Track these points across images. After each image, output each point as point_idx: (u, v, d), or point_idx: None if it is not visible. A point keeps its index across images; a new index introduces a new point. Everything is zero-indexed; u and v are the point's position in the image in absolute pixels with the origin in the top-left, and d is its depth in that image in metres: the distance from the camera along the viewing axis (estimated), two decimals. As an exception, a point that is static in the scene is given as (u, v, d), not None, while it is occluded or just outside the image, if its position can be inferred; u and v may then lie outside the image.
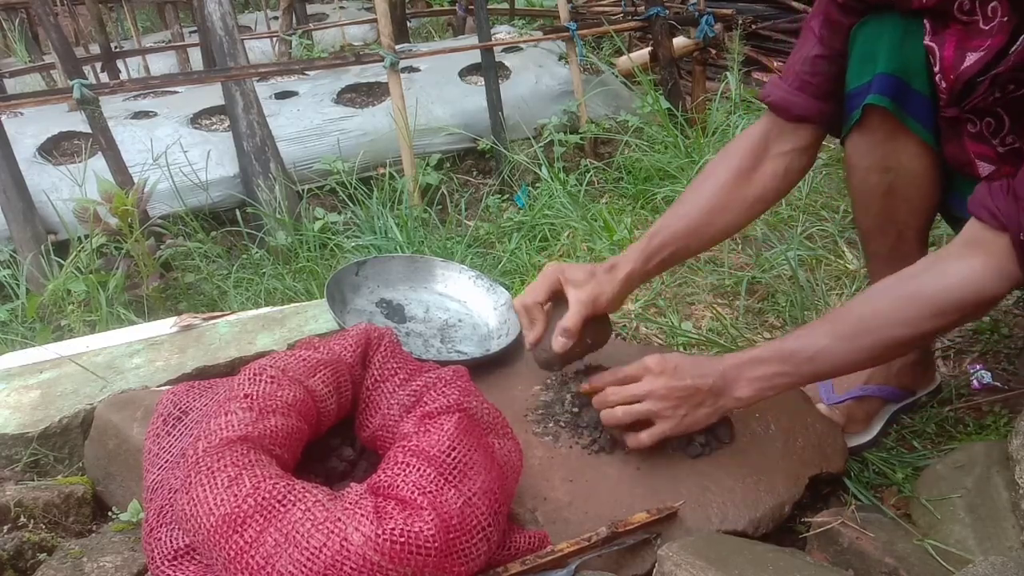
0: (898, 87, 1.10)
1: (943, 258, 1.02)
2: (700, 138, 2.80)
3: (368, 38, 5.83)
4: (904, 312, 1.01)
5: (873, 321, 1.02)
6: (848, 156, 1.22)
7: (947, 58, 1.04)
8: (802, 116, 1.22)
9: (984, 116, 1.06)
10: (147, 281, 2.02)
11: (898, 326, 1.01)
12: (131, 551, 1.01)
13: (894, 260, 1.27)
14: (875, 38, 1.11)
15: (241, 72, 2.46)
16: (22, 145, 2.47)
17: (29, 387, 1.35)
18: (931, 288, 1.00)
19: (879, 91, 1.10)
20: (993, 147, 1.07)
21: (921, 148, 1.15)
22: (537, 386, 1.30)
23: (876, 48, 1.11)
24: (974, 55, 1.01)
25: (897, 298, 1.02)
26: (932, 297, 0.99)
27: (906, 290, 1.01)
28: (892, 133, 1.14)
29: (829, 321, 1.08)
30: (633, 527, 0.99)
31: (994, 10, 0.98)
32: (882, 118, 1.13)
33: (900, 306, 1.01)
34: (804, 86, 1.21)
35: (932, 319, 1.00)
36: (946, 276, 0.99)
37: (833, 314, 1.10)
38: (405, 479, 0.84)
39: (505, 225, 2.42)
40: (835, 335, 1.04)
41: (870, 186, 1.21)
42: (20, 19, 4.88)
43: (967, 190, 1.13)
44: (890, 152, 1.16)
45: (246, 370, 0.97)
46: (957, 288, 0.98)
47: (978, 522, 1.07)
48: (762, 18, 4.18)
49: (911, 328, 1.01)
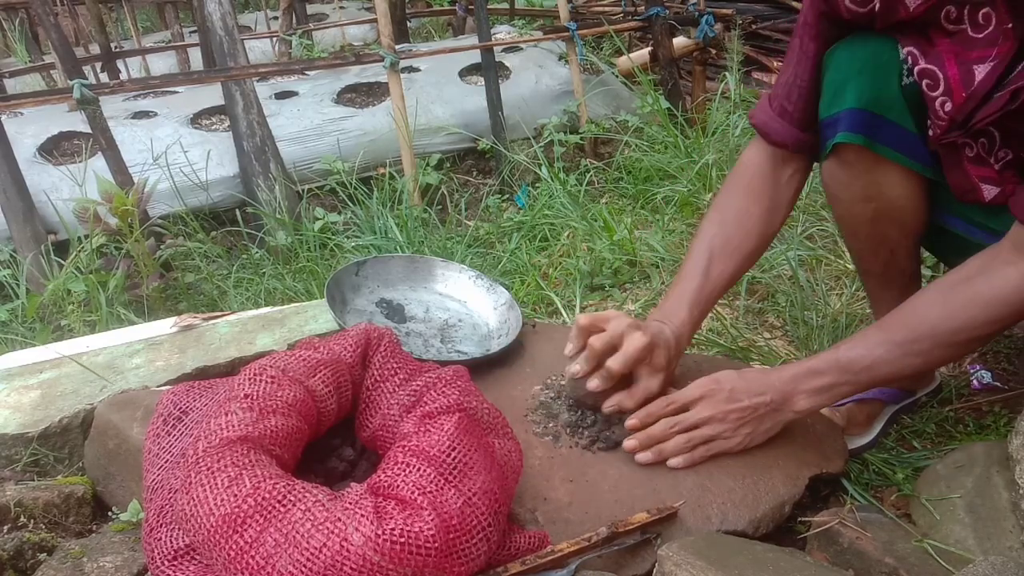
0: (870, 122, 1.08)
1: (994, 262, 1.00)
2: (700, 138, 2.80)
3: (368, 38, 5.84)
4: (956, 319, 1.00)
5: (927, 329, 1.02)
6: (826, 187, 1.20)
7: (953, 77, 0.99)
8: (780, 143, 1.21)
9: (979, 137, 1.03)
10: (147, 281, 2.02)
11: (951, 333, 1.01)
12: (131, 551, 1.01)
13: (888, 276, 1.27)
14: (845, 67, 1.08)
15: (241, 72, 2.46)
16: (22, 145, 2.47)
17: (29, 387, 1.35)
18: (986, 294, 0.99)
19: (848, 128, 1.08)
20: (992, 167, 1.05)
21: (904, 174, 1.13)
22: (537, 386, 1.30)
23: (846, 79, 1.08)
24: (982, 67, 0.97)
25: (949, 305, 1.01)
26: (988, 303, 0.99)
27: (961, 296, 1.01)
28: (870, 165, 1.12)
29: (883, 329, 1.06)
30: (633, 527, 0.99)
31: (986, 17, 0.95)
32: (857, 153, 1.11)
33: (952, 313, 1.00)
34: (783, 113, 1.20)
35: (987, 325, 1.00)
36: (997, 282, 0.98)
37: (887, 321, 1.08)
38: (405, 479, 0.84)
39: (505, 225, 2.42)
40: (891, 343, 1.04)
41: (855, 214, 1.20)
42: (20, 19, 4.88)
43: (963, 208, 1.12)
44: (871, 183, 1.14)
45: (246, 370, 0.97)
46: (1009, 294, 0.98)
47: (978, 522, 1.07)
48: (762, 18, 4.18)
49: (964, 334, 1.01)
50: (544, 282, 2.02)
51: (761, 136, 1.23)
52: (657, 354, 1.13)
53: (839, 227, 1.28)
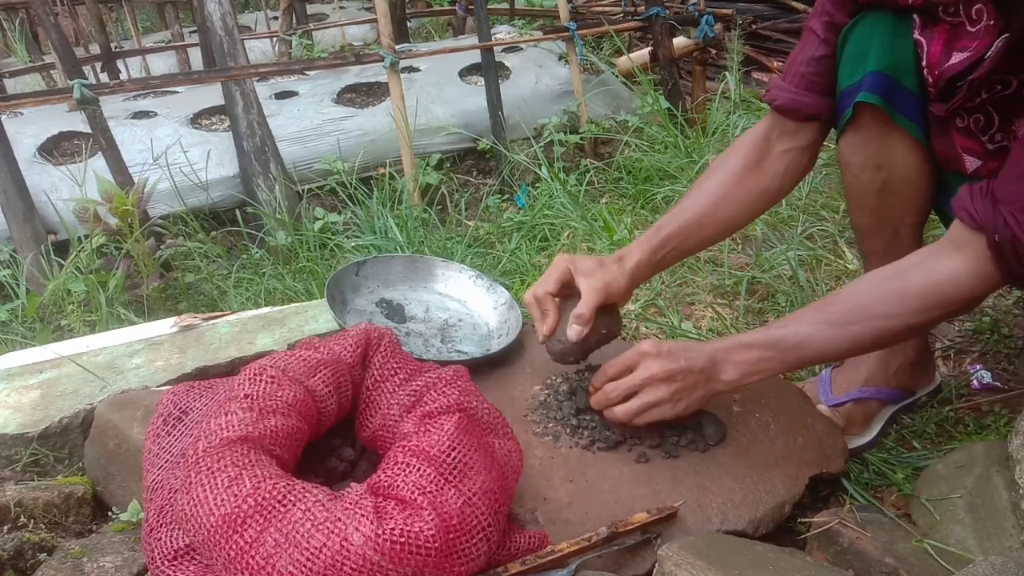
0: (889, 85, 1.12)
1: (930, 255, 1.04)
2: (700, 138, 2.80)
3: (368, 38, 5.83)
4: (890, 306, 1.03)
5: (859, 312, 1.04)
6: (842, 154, 1.23)
7: (933, 54, 1.06)
8: (812, 115, 1.24)
9: (973, 113, 1.08)
10: (147, 281, 2.02)
11: (883, 318, 1.04)
12: (131, 551, 1.01)
13: (890, 257, 1.27)
14: (866, 37, 1.13)
15: (241, 72, 2.46)
16: (22, 145, 2.47)
17: (29, 387, 1.35)
18: (917, 284, 1.02)
19: (869, 89, 1.12)
20: (982, 143, 1.09)
21: (912, 145, 1.16)
22: (537, 386, 1.30)
23: (867, 47, 1.12)
24: (960, 55, 1.03)
25: (884, 291, 1.04)
26: (918, 293, 1.02)
27: (894, 284, 1.04)
28: (883, 130, 1.16)
29: (816, 309, 1.10)
30: (633, 527, 0.99)
31: (979, 12, 0.99)
32: (873, 116, 1.15)
33: (886, 299, 1.03)
34: (811, 85, 1.23)
35: (916, 314, 1.03)
36: (931, 273, 1.02)
37: (821, 302, 1.13)
38: (405, 479, 0.84)
39: (505, 225, 2.42)
40: (821, 323, 1.06)
41: (864, 184, 1.22)
42: (20, 19, 4.88)
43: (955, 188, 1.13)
44: (882, 149, 1.17)
45: (246, 370, 0.97)
46: (941, 285, 1.01)
47: (978, 522, 1.07)
48: (762, 18, 4.18)
49: (896, 321, 1.03)
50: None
51: (785, 115, 1.26)
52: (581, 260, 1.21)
53: (847, 202, 1.30)
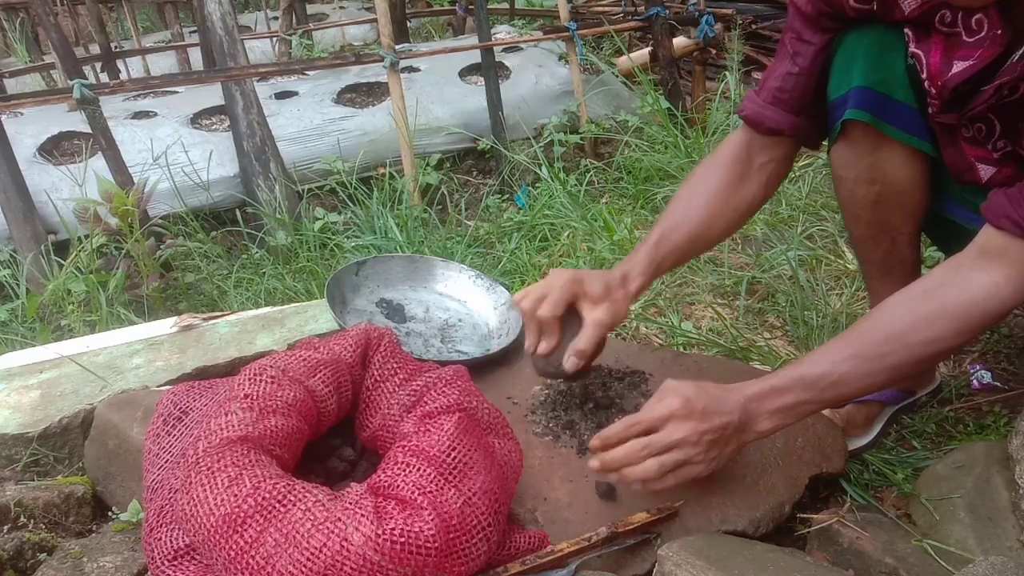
0: (877, 100, 1.09)
1: (960, 270, 0.98)
2: (700, 138, 2.80)
3: (368, 38, 5.84)
4: (928, 331, 0.97)
5: (897, 342, 0.98)
6: (834, 167, 1.22)
7: (933, 65, 1.03)
8: (774, 129, 1.22)
9: (975, 122, 1.05)
10: (147, 281, 2.02)
11: (922, 345, 0.97)
12: (131, 551, 1.01)
13: (889, 265, 1.27)
14: (852, 50, 1.11)
15: (241, 72, 2.46)
16: (22, 145, 2.47)
17: (29, 387, 1.35)
18: (954, 304, 0.96)
19: (856, 105, 1.10)
20: (988, 151, 1.07)
21: (908, 155, 1.14)
22: (537, 386, 1.30)
23: (853, 60, 1.10)
24: (961, 64, 1.00)
25: (919, 316, 0.98)
26: (956, 313, 0.96)
27: (929, 308, 0.97)
28: (875, 144, 1.14)
29: (849, 343, 1.01)
30: (633, 527, 0.99)
31: (979, 23, 0.97)
32: (864, 131, 1.13)
33: (923, 325, 0.97)
34: (776, 101, 1.21)
35: (959, 335, 0.97)
36: (967, 291, 0.96)
37: (852, 335, 1.03)
38: (405, 479, 0.85)
39: (505, 225, 2.42)
40: (858, 357, 0.99)
41: (858, 197, 1.21)
42: (20, 19, 4.88)
43: (963, 193, 1.13)
44: (875, 163, 1.16)
45: (246, 370, 0.97)
46: (981, 302, 0.95)
47: (978, 522, 1.07)
48: (762, 18, 4.18)
49: (936, 345, 0.98)
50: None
51: (752, 127, 1.25)
52: (589, 283, 1.16)
53: (843, 213, 1.29)
